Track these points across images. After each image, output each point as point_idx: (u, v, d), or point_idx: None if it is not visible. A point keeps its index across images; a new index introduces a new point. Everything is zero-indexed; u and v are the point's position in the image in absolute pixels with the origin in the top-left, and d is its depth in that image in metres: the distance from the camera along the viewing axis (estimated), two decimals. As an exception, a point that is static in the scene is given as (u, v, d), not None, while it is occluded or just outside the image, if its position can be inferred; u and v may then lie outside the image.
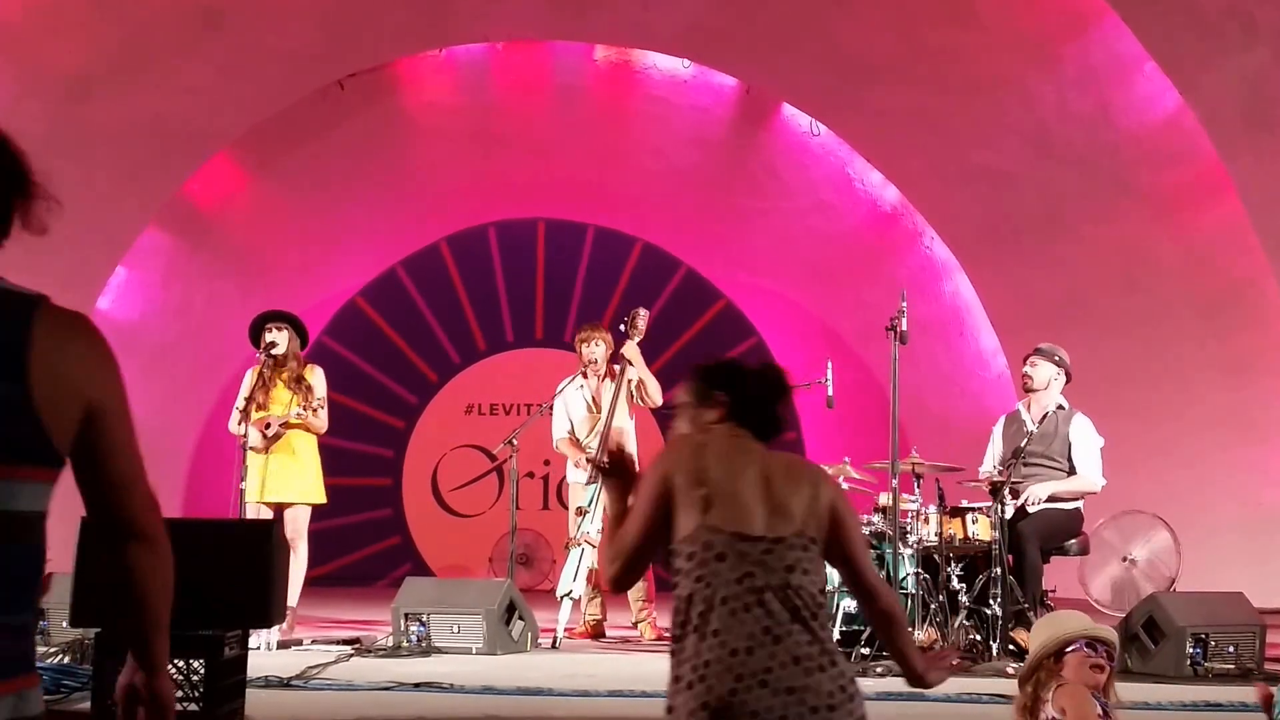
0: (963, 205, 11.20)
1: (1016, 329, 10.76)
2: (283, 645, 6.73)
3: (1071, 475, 6.78)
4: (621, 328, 7.44)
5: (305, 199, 12.11)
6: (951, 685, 5.38)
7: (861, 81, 10.65)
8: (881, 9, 10.08)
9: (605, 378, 7.63)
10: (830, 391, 7.14)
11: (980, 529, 6.51)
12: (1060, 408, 6.87)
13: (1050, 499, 6.68)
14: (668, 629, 2.64)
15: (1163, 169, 9.83)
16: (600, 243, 13.29)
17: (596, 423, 7.52)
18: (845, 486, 6.97)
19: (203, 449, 11.93)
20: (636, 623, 7.50)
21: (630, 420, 7.55)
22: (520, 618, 6.80)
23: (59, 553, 2.25)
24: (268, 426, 7.05)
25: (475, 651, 6.52)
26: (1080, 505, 6.85)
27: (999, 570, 6.18)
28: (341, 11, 10.32)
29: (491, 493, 12.91)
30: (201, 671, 4.37)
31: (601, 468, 2.83)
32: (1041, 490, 6.66)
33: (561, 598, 7.18)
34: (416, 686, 5.41)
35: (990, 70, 10.12)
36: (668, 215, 12.87)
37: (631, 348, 7.36)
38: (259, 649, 6.29)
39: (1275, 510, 9.49)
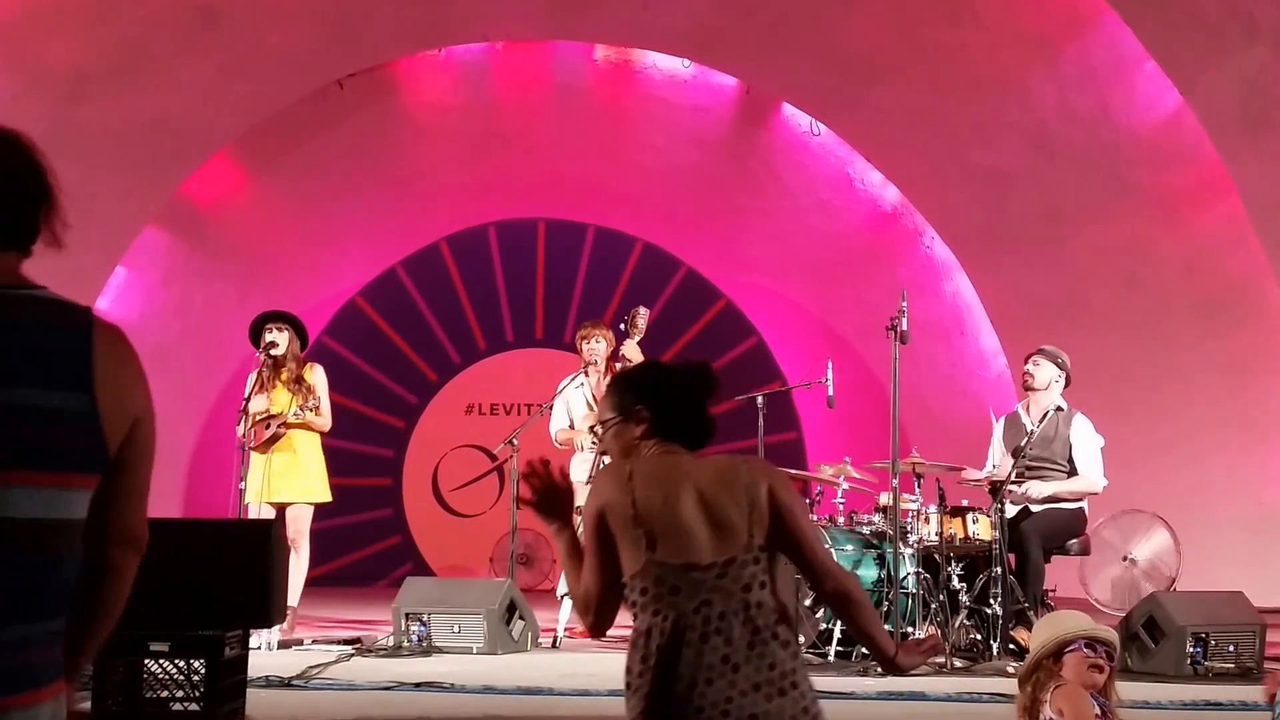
0: (963, 205, 11.20)
1: (1016, 329, 10.77)
2: (283, 645, 6.73)
3: (1072, 476, 6.79)
4: (622, 327, 7.43)
5: (305, 199, 12.10)
6: (952, 685, 5.40)
7: (861, 81, 10.65)
8: (881, 9, 10.08)
9: (606, 375, 7.63)
10: (830, 391, 7.14)
11: (981, 529, 6.52)
12: (1059, 409, 6.88)
13: (1052, 499, 6.69)
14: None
15: (1163, 169, 9.83)
16: (600, 243, 13.27)
17: (596, 421, 7.51)
18: (845, 486, 6.99)
19: (202, 449, 11.91)
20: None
21: (630, 420, 7.52)
22: (521, 617, 6.81)
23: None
24: (267, 427, 7.06)
25: (476, 651, 6.53)
26: (1084, 505, 6.87)
27: (999, 570, 6.19)
28: (341, 11, 10.31)
29: (492, 493, 12.90)
30: (202, 671, 4.38)
31: (529, 503, 2.67)
32: (1043, 487, 6.66)
33: (562, 597, 7.18)
34: (417, 686, 5.42)
35: (990, 70, 10.12)
36: (668, 215, 12.85)
37: (632, 347, 7.35)
38: (259, 649, 6.28)
39: (1275, 510, 9.49)
